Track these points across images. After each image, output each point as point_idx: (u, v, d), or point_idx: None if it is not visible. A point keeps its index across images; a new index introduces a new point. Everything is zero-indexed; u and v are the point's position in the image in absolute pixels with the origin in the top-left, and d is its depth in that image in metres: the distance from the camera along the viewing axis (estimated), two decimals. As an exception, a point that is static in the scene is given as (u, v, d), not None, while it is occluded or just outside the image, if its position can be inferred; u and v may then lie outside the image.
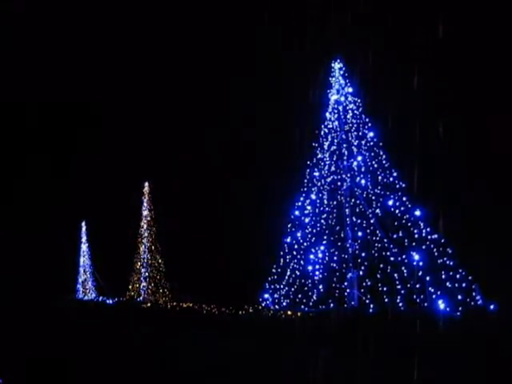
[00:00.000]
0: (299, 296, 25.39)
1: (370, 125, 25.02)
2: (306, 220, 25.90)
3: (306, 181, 26.46)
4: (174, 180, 44.65)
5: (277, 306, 25.62)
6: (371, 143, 24.65)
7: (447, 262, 21.28)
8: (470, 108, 26.31)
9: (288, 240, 26.16)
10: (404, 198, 23.02)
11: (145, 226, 49.22)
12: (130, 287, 49.49)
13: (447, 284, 20.72)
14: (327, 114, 26.22)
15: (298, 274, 25.69)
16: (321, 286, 24.70)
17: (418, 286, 21.20)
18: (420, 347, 15.67)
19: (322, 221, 25.57)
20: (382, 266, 22.97)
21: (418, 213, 22.23)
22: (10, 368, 17.02)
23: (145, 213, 49.28)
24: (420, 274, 21.18)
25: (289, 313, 23.96)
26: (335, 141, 25.86)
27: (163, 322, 33.05)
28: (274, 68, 37.08)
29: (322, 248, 25.13)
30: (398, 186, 23.46)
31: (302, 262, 25.72)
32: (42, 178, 57.39)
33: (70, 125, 56.69)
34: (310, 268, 25.19)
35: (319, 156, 26.20)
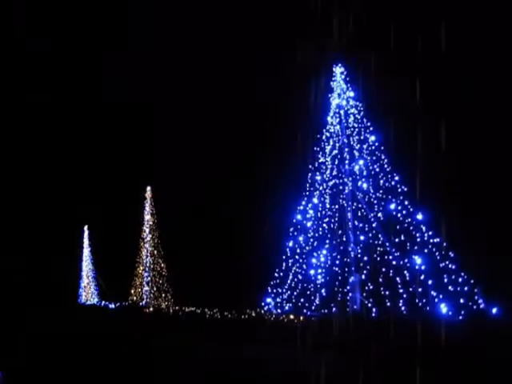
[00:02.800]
0: (301, 300, 25.43)
1: (371, 129, 25.09)
2: (308, 224, 25.92)
3: (307, 185, 26.52)
4: (175, 184, 44.77)
5: (279, 310, 25.67)
6: (373, 147, 24.69)
7: (449, 266, 21.29)
8: (470, 110, 26.37)
9: (290, 244, 26.20)
10: (406, 202, 23.03)
11: (147, 231, 49.29)
12: (133, 292, 49.57)
13: (449, 287, 20.75)
14: (329, 119, 26.26)
15: (301, 278, 25.70)
16: (323, 290, 24.75)
17: (420, 289, 21.22)
18: (422, 351, 15.68)
19: (324, 225, 25.60)
20: (384, 269, 22.99)
21: (419, 216, 22.25)
22: (10, 362, 17.15)
23: (147, 217, 49.37)
24: (422, 277, 21.18)
25: (291, 317, 23.99)
26: (337, 145, 25.91)
27: (165, 326, 33.12)
28: (276, 72, 37.19)
29: (324, 252, 25.16)
30: (399, 190, 23.49)
31: (304, 266, 25.74)
32: (45, 182, 57.55)
33: (72, 129, 56.88)
34: (312, 272, 25.21)
35: (321, 160, 26.24)
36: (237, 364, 18.45)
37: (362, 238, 24.16)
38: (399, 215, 22.97)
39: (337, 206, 25.44)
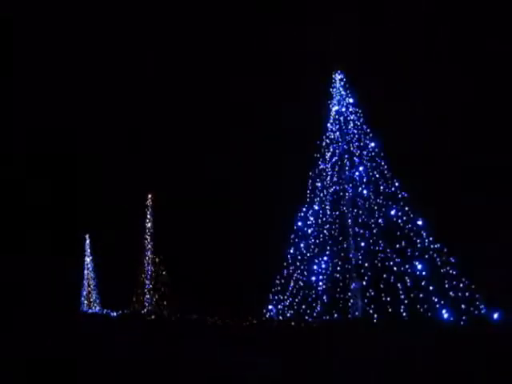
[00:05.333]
0: (303, 307, 25.42)
1: (371, 135, 25.13)
2: (309, 231, 25.93)
3: (308, 192, 26.56)
4: (177, 192, 44.81)
5: (281, 317, 25.64)
6: (373, 153, 24.72)
7: (450, 271, 21.28)
8: (469, 116, 26.43)
9: (291, 251, 26.22)
10: (406, 208, 23.05)
11: (148, 238, 49.33)
12: (134, 299, 49.53)
13: (450, 293, 20.74)
14: (328, 125, 26.33)
15: (302, 284, 25.68)
16: (324, 297, 24.74)
17: (421, 295, 21.21)
18: (423, 356, 15.68)
19: (325, 231, 25.59)
20: (385, 275, 22.97)
21: (420, 222, 22.27)
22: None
23: (148, 225, 49.40)
24: (423, 283, 21.19)
25: (292, 324, 23.96)
26: (337, 151, 25.96)
27: (167, 333, 33.10)
28: (276, 79, 37.31)
29: (325, 258, 25.14)
30: (399, 196, 23.51)
31: (305, 272, 25.72)
32: (46, 190, 57.65)
33: (72, 137, 57.02)
34: (313, 279, 25.20)
35: (321, 167, 26.27)
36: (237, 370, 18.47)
37: (362, 244, 24.11)
38: (400, 221, 22.97)
39: (337, 213, 25.43)
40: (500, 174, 25.36)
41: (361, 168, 24.80)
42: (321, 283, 24.89)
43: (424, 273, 21.23)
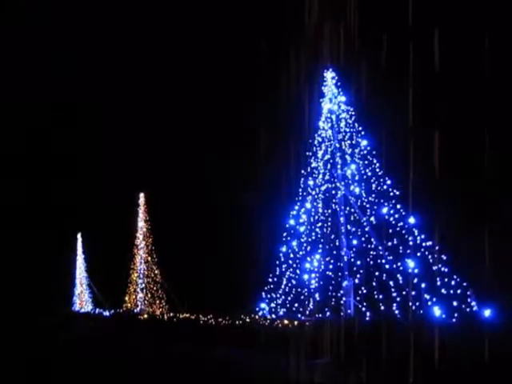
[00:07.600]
0: (295, 305, 25.44)
1: (363, 133, 25.15)
2: (301, 229, 25.93)
3: (300, 190, 26.55)
4: (169, 191, 44.75)
5: (273, 316, 25.65)
6: (365, 151, 24.74)
7: (442, 269, 21.34)
8: (464, 115, 26.47)
9: (283, 249, 26.21)
10: (398, 206, 23.09)
11: (140, 237, 49.23)
12: (127, 298, 49.45)
13: (442, 290, 20.79)
14: (320, 123, 26.31)
15: (294, 283, 25.71)
16: (317, 295, 24.76)
17: (413, 293, 21.23)
18: (416, 354, 15.70)
19: (317, 229, 25.61)
20: (377, 273, 22.99)
21: (412, 220, 22.30)
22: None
23: (140, 224, 49.31)
24: (415, 281, 21.22)
25: (285, 322, 23.98)
26: (329, 149, 25.95)
27: (160, 332, 33.05)
28: (267, 77, 37.28)
29: (318, 257, 25.16)
30: (391, 194, 23.54)
31: (297, 271, 25.74)
32: (39, 189, 57.50)
33: (66, 136, 56.89)
34: (305, 277, 25.21)
35: (313, 165, 26.27)
36: (232, 370, 18.43)
37: (354, 242, 24.14)
38: (391, 219, 22.99)
39: (329, 211, 25.44)
40: (493, 172, 25.43)
41: (353, 166, 24.79)
42: (313, 281, 24.89)
43: (416, 270, 21.28)
